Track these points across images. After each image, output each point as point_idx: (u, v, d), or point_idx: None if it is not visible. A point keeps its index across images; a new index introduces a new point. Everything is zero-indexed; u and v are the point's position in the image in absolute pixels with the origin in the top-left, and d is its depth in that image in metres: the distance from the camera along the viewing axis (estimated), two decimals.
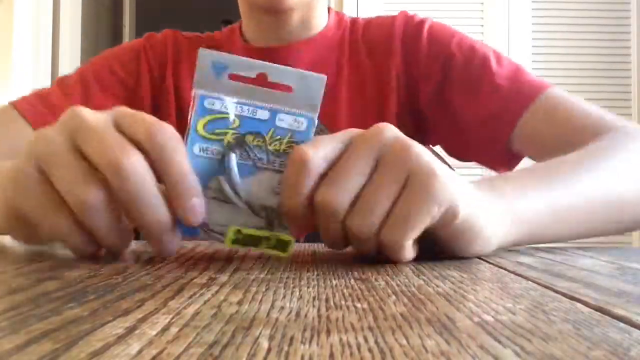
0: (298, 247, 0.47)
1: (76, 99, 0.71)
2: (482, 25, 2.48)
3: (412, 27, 0.74)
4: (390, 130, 0.35)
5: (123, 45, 0.81)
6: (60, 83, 0.74)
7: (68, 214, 0.34)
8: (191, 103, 0.36)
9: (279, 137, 0.36)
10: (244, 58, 0.37)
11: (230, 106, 0.36)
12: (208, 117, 0.36)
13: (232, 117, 0.36)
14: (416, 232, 0.34)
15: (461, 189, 0.36)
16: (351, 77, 0.74)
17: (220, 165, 0.36)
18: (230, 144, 0.36)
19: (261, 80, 0.36)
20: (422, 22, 0.74)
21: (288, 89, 0.36)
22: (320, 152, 0.34)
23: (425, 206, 0.34)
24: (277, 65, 0.37)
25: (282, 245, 0.36)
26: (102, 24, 3.04)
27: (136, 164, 0.33)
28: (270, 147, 0.36)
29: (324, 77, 0.37)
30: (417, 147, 0.35)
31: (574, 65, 2.43)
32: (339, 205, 0.34)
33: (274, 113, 0.36)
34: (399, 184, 0.34)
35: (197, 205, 0.34)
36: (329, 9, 0.79)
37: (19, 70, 2.19)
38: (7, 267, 0.33)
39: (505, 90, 0.66)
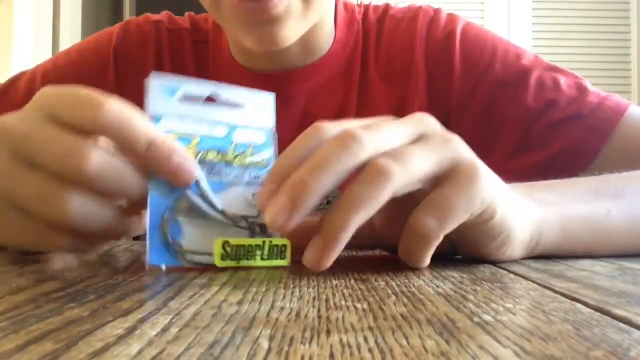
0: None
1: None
2: (482, 25, 2.48)
3: (438, 41, 0.63)
4: (431, 119, 0.34)
5: (85, 52, 0.67)
6: (2, 96, 0.65)
7: (71, 191, 0.30)
8: None
9: (241, 151, 0.35)
10: (194, 79, 0.35)
11: (186, 126, 0.34)
12: None
13: (190, 134, 0.34)
14: (453, 225, 0.31)
15: (501, 189, 0.34)
16: (360, 102, 0.63)
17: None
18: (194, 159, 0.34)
19: (212, 100, 0.36)
20: (451, 34, 0.63)
21: (240, 106, 0.36)
22: (374, 136, 0.30)
23: (469, 199, 0.31)
24: (227, 84, 0.36)
25: (279, 251, 0.33)
26: (102, 24, 3.04)
27: (100, 165, 0.30)
28: (235, 162, 0.35)
29: (272, 94, 0.37)
30: (461, 141, 0.33)
31: (574, 65, 2.43)
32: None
33: (230, 129, 0.35)
34: (441, 171, 0.32)
35: (181, 163, 0.31)
36: (336, 2, 0.66)
37: (19, 70, 2.19)
38: (7, 267, 0.33)
39: (577, 124, 0.58)
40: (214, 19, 0.62)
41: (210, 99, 0.36)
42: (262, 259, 0.33)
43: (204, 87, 0.36)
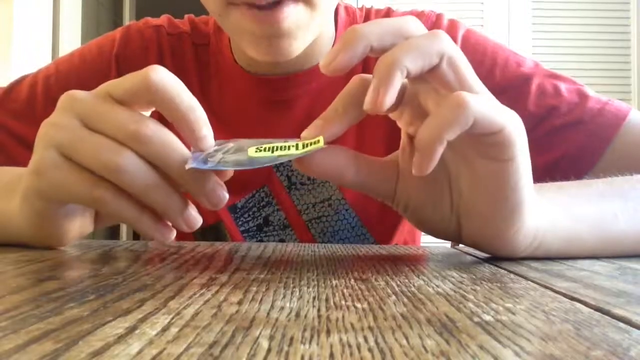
0: (298, 247, 0.47)
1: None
2: (482, 25, 2.48)
3: None
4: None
5: (87, 58, 0.67)
6: (3, 100, 0.65)
7: (108, 185, 0.35)
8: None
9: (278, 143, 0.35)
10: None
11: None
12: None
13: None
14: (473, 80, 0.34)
15: (525, 141, 0.36)
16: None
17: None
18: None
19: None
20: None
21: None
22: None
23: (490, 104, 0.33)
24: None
25: (312, 143, 0.34)
26: (102, 24, 3.04)
27: (148, 130, 0.35)
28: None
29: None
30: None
31: (574, 65, 2.43)
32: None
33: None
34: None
35: (208, 135, 0.36)
36: (337, 6, 0.66)
37: (18, 70, 2.19)
38: (7, 267, 0.33)
39: (578, 130, 0.58)
40: (222, 28, 0.61)
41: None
42: (297, 149, 0.33)
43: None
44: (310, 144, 0.33)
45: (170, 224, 0.38)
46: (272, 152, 0.34)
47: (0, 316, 0.20)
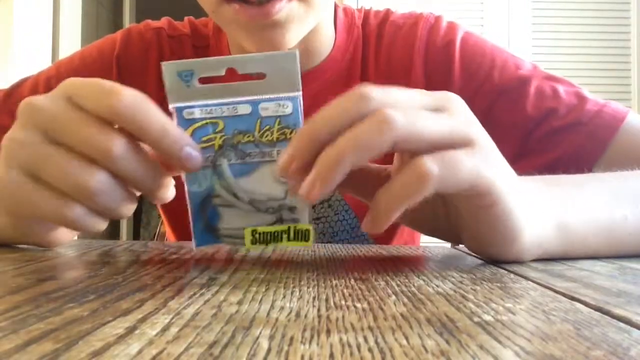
0: (298, 247, 0.47)
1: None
2: (482, 25, 2.48)
3: (437, 49, 0.63)
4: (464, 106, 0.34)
5: (88, 60, 0.67)
6: (5, 101, 0.66)
7: (76, 204, 0.34)
8: (171, 119, 0.34)
9: (267, 126, 0.35)
10: (208, 58, 0.35)
11: (207, 110, 0.35)
12: (191, 128, 0.35)
13: (214, 120, 0.35)
14: (452, 179, 0.30)
15: (505, 177, 0.33)
16: None
17: (214, 173, 0.35)
18: (221, 148, 0.35)
19: (231, 75, 0.35)
20: (451, 42, 0.63)
21: (261, 76, 0.35)
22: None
23: (473, 162, 0.31)
24: (243, 55, 0.35)
25: (302, 234, 0.35)
26: (102, 24, 3.04)
27: (122, 146, 0.32)
28: (263, 140, 0.35)
29: (295, 52, 0.35)
30: (482, 128, 0.34)
31: (574, 65, 2.43)
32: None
33: (255, 104, 0.35)
34: (453, 141, 0.31)
35: (191, 152, 0.33)
36: (336, 7, 0.67)
37: (18, 70, 2.19)
38: (7, 267, 0.33)
39: (577, 131, 0.58)
40: (216, 22, 0.62)
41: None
42: (288, 240, 0.35)
43: (219, 63, 0.35)
44: (301, 232, 0.35)
45: None
46: (267, 244, 0.36)
47: (0, 316, 0.20)
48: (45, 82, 0.66)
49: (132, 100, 0.33)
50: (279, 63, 0.35)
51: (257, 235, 0.35)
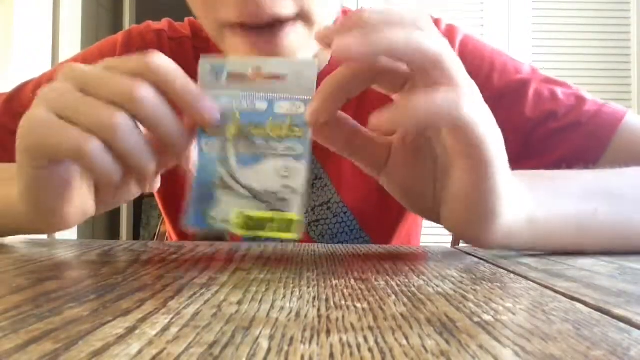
0: (298, 247, 0.47)
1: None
2: (482, 25, 2.48)
3: None
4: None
5: (88, 61, 0.69)
6: (8, 104, 0.66)
7: (97, 140, 0.35)
8: None
9: (279, 123, 0.37)
10: (238, 56, 0.37)
11: (229, 101, 0.37)
12: None
13: (232, 111, 0.37)
14: (438, 107, 0.33)
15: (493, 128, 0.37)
16: (359, 111, 0.61)
17: (221, 158, 0.37)
18: (233, 136, 0.37)
19: (256, 74, 0.38)
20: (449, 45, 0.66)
21: (283, 78, 0.37)
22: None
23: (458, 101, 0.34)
24: (269, 57, 0.37)
25: (287, 225, 0.36)
26: (102, 24, 3.04)
27: (147, 90, 0.35)
28: (272, 134, 0.37)
29: (314, 61, 0.38)
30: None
31: (574, 65, 2.43)
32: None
33: (271, 102, 0.37)
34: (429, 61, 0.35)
35: (208, 105, 0.36)
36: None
37: (18, 70, 2.19)
38: (7, 267, 0.33)
39: (576, 132, 0.58)
40: (216, 44, 0.61)
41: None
42: (271, 230, 0.35)
43: (247, 62, 0.38)
44: (286, 223, 0.36)
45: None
46: (253, 232, 0.36)
47: (0, 316, 0.20)
48: (47, 83, 0.66)
49: (162, 58, 0.36)
50: (299, 68, 0.38)
51: (243, 218, 0.36)
